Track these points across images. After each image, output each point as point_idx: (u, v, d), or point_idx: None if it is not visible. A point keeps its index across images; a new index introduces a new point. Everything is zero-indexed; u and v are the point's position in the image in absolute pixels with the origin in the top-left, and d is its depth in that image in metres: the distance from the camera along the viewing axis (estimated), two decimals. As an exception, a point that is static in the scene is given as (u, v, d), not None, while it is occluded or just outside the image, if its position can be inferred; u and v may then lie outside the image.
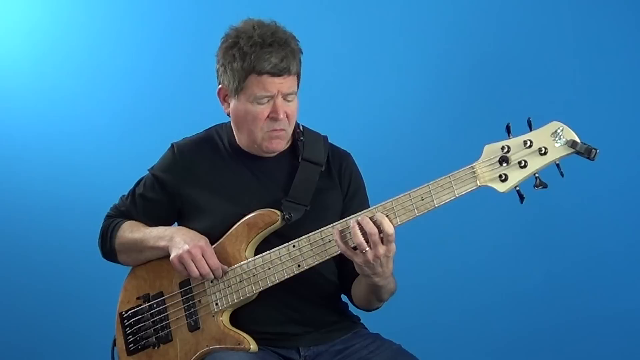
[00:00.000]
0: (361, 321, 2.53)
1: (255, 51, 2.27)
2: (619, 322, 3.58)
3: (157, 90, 3.94)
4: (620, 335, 3.58)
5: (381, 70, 3.81)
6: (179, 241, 2.34)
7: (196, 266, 2.31)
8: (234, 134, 2.45)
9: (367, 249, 2.13)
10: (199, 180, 2.43)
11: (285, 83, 2.31)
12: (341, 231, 2.20)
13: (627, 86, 3.61)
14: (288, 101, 2.33)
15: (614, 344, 3.58)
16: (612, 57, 3.63)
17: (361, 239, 2.14)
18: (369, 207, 2.43)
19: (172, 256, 2.33)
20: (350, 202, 2.47)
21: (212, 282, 2.36)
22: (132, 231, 2.47)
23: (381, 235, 2.13)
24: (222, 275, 2.34)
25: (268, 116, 2.33)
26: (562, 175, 2.07)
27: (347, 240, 2.19)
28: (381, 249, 2.14)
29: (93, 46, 3.98)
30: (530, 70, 3.69)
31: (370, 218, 2.14)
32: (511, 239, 3.71)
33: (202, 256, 2.31)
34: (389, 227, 2.13)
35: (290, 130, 2.39)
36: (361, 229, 2.14)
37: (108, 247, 2.53)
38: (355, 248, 2.17)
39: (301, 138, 2.44)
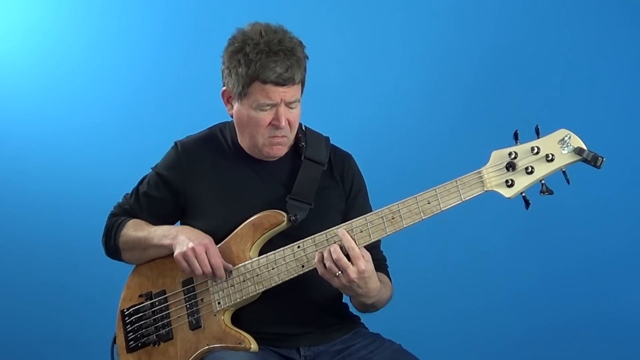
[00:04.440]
0: (361, 321, 2.54)
1: (261, 59, 2.27)
2: (619, 323, 3.61)
3: (158, 89, 3.91)
4: (620, 336, 3.62)
5: (388, 75, 3.80)
6: (184, 239, 2.34)
7: (199, 264, 2.31)
8: (237, 135, 2.45)
9: (339, 273, 2.18)
10: (203, 178, 2.43)
11: (289, 92, 2.31)
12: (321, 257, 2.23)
13: (638, 95, 3.64)
14: (291, 108, 2.34)
15: (614, 346, 3.61)
16: (623, 65, 3.64)
17: (332, 263, 2.19)
18: (370, 206, 2.50)
19: (176, 253, 2.34)
20: (353, 202, 2.48)
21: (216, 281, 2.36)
22: (136, 229, 2.47)
23: (348, 254, 2.18)
24: (227, 276, 2.34)
25: (270, 123, 2.33)
26: (568, 182, 2.09)
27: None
28: (352, 272, 2.18)
29: (94, 44, 3.95)
30: (539, 77, 3.69)
31: (341, 247, 2.19)
32: (511, 240, 3.72)
33: (206, 254, 2.31)
34: (349, 243, 2.18)
35: (292, 136, 2.40)
36: (331, 256, 2.19)
37: (112, 245, 2.52)
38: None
39: (302, 143, 2.45)
